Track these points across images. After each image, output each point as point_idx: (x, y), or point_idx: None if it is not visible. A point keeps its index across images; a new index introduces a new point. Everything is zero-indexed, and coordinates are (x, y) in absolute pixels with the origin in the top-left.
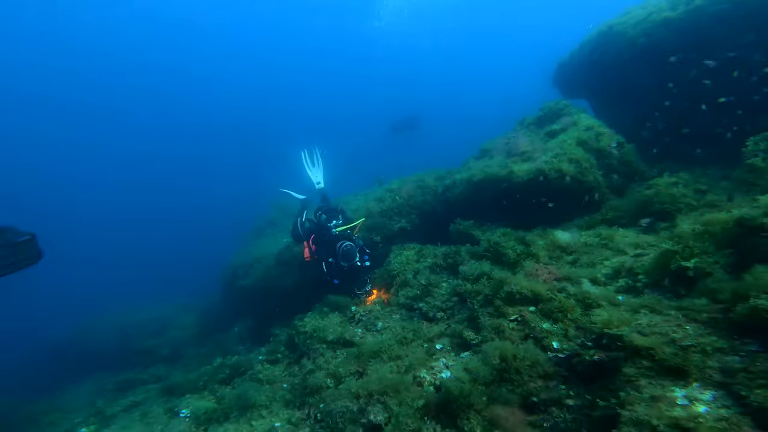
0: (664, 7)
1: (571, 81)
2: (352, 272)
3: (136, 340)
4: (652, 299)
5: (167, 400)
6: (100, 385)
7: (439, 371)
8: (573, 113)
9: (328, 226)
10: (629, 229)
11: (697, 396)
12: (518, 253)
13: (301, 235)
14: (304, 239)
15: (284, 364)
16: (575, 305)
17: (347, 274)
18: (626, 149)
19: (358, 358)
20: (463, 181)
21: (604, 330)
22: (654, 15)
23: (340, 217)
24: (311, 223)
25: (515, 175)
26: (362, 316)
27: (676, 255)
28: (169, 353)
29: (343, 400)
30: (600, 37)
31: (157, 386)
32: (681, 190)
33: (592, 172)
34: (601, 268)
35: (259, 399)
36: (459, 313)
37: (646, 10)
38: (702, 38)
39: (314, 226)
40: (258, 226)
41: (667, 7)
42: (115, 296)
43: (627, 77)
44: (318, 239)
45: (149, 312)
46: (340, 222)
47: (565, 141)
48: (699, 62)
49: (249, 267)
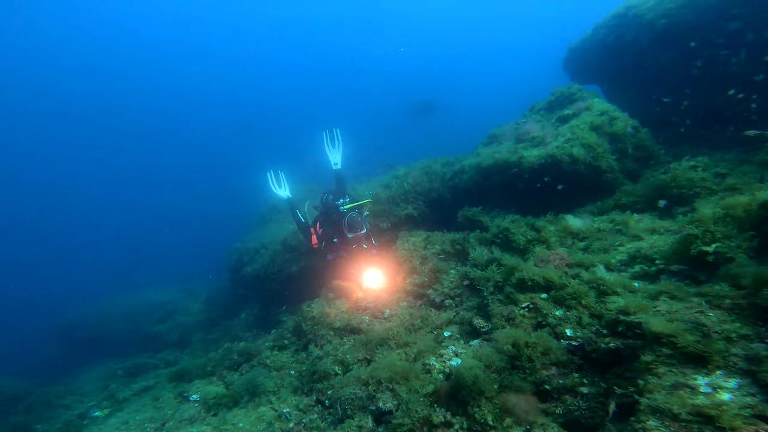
0: None
1: (582, 65)
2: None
3: (144, 325)
4: (670, 285)
5: (177, 385)
6: (111, 370)
7: (448, 359)
8: (586, 98)
9: (335, 204)
10: (645, 214)
11: (721, 384)
12: (528, 239)
13: (307, 223)
14: (311, 226)
15: (291, 351)
16: (589, 291)
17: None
18: (641, 133)
19: (366, 345)
20: (471, 167)
21: (620, 317)
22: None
23: (347, 197)
24: (318, 209)
25: (525, 160)
26: (369, 303)
27: (697, 239)
28: (177, 339)
29: (351, 387)
30: (616, 20)
31: (166, 371)
32: (700, 174)
33: (605, 157)
34: (616, 254)
35: (268, 385)
36: (468, 300)
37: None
38: (726, 18)
39: (322, 208)
40: (263, 212)
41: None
42: (120, 281)
43: (644, 60)
44: (325, 221)
45: (155, 296)
46: (347, 200)
47: (577, 126)
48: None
49: (255, 253)
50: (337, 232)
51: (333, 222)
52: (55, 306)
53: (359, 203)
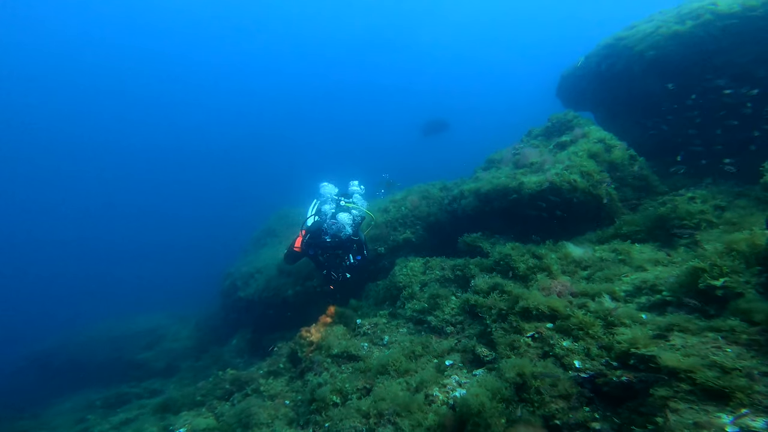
0: (672, 21)
1: (575, 93)
2: (334, 256)
3: (128, 352)
4: (680, 318)
5: (162, 418)
6: (88, 400)
7: (452, 389)
8: (583, 125)
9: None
10: (646, 244)
11: (749, 423)
12: (529, 266)
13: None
14: (302, 229)
15: (286, 378)
16: (596, 322)
17: (327, 254)
18: (639, 162)
19: (365, 373)
20: (470, 192)
21: (631, 349)
22: (662, 29)
23: (355, 196)
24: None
25: (525, 186)
26: (368, 329)
27: (705, 273)
28: (164, 366)
29: (351, 420)
30: (607, 50)
31: (151, 402)
32: (699, 206)
33: (604, 186)
34: (621, 284)
35: (261, 416)
36: (470, 327)
37: (653, 23)
38: (710, 50)
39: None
40: (257, 236)
41: (675, 21)
42: (104, 306)
43: (634, 89)
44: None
45: (142, 323)
46: (352, 198)
47: (576, 153)
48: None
49: (249, 277)
50: (320, 230)
51: (323, 213)
52: (33, 331)
53: (359, 207)
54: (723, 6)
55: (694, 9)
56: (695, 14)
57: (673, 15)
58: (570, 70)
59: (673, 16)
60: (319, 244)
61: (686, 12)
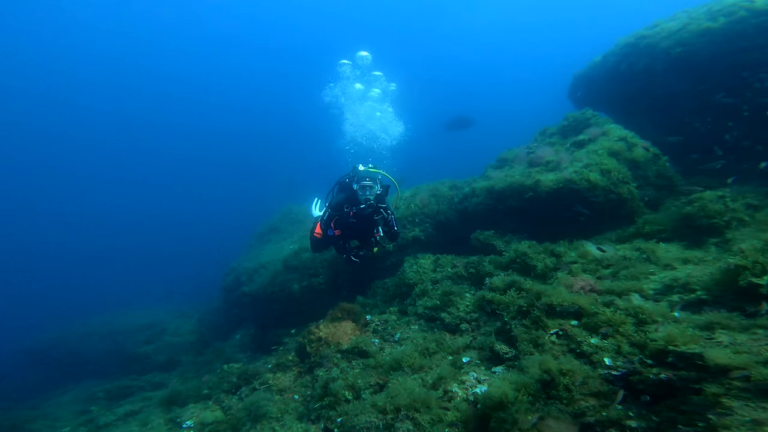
0: (702, 17)
1: (589, 93)
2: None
3: (129, 346)
4: (721, 316)
5: (168, 410)
6: (90, 393)
7: (471, 386)
8: (601, 123)
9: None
10: (671, 243)
11: None
12: (547, 264)
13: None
14: (319, 219)
15: (294, 373)
16: (627, 320)
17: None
18: (661, 161)
19: (377, 369)
20: (483, 190)
21: (669, 347)
22: (691, 26)
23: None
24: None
25: (542, 184)
26: (378, 326)
27: (746, 271)
28: (165, 360)
29: (367, 415)
30: (627, 48)
31: (155, 394)
32: (731, 204)
33: (625, 184)
34: (648, 283)
35: (271, 410)
36: (485, 325)
37: (678, 21)
38: (743, 48)
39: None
40: (261, 232)
41: (706, 18)
42: (103, 301)
43: (655, 88)
44: (342, 186)
45: (142, 317)
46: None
47: (595, 151)
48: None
49: (254, 272)
50: (347, 201)
51: (347, 186)
52: (33, 325)
53: (384, 173)
54: (759, 2)
55: (727, 5)
56: (728, 11)
57: (704, 12)
58: (583, 70)
59: (703, 13)
60: (343, 220)
61: (718, 9)
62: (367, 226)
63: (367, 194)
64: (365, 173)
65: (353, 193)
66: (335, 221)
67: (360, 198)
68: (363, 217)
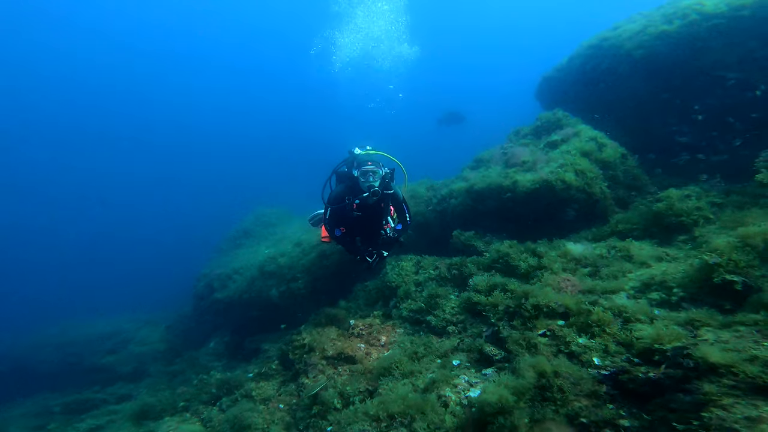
0: (659, 20)
1: (558, 94)
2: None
3: (88, 357)
4: (700, 314)
5: (139, 424)
6: (44, 407)
7: (463, 389)
8: (573, 124)
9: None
10: (644, 241)
11: None
12: (530, 264)
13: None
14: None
15: (278, 381)
16: (613, 319)
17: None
18: (630, 161)
19: (365, 375)
20: (461, 191)
21: (655, 345)
22: (650, 28)
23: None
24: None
25: (520, 184)
26: (362, 330)
27: (720, 268)
28: (131, 371)
29: (360, 423)
30: (591, 50)
31: (123, 407)
32: (695, 203)
33: (598, 184)
34: (627, 281)
35: (256, 421)
36: (471, 327)
37: (638, 23)
38: (698, 49)
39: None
40: (233, 236)
41: (662, 21)
42: (53, 310)
43: (620, 89)
44: (340, 176)
45: (103, 326)
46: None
47: (568, 151)
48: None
49: (227, 278)
50: (347, 191)
51: (348, 176)
52: None
53: (385, 155)
54: (709, 6)
55: (681, 9)
56: (682, 14)
57: (659, 15)
58: (550, 72)
59: (659, 15)
60: (346, 214)
61: (672, 11)
62: (374, 217)
63: (370, 180)
64: (366, 157)
65: (354, 182)
66: (338, 217)
67: (363, 186)
68: (368, 207)
